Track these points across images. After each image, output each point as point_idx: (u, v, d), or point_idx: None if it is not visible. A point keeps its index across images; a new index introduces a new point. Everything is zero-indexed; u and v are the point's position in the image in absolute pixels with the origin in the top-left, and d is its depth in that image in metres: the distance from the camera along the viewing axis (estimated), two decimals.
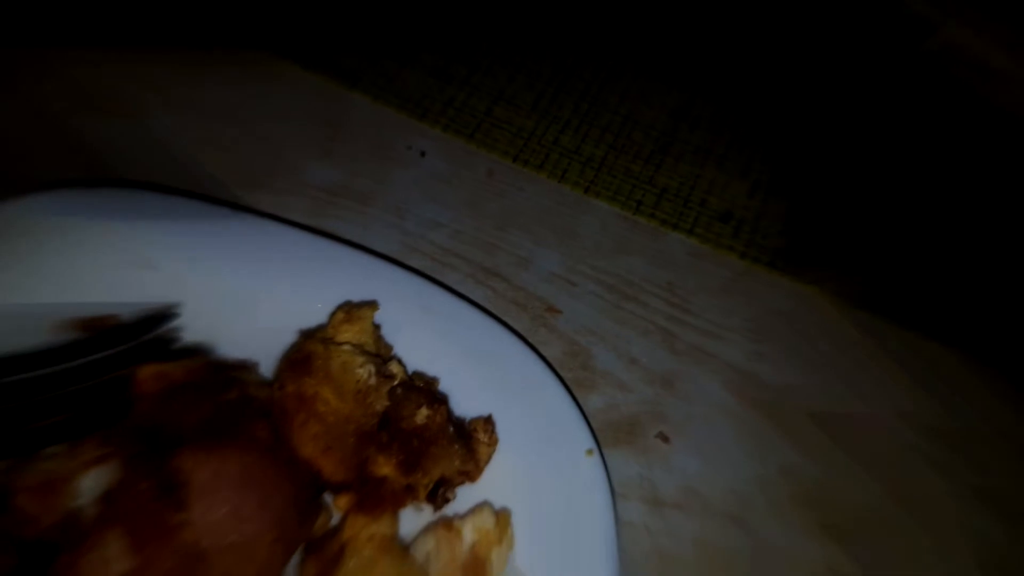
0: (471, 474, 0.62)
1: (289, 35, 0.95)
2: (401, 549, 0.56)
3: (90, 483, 0.59)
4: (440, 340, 0.69)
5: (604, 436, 0.71)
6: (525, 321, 0.78)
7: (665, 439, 0.73)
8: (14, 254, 0.67)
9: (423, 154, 0.89)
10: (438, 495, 0.61)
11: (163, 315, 0.64)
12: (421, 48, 0.97)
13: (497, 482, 0.63)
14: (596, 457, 0.64)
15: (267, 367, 0.66)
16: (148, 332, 0.63)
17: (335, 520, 0.61)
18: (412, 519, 0.61)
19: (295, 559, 0.58)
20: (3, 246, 0.68)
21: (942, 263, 0.90)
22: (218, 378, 0.58)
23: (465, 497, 0.62)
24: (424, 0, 1.02)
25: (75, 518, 0.58)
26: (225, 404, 0.57)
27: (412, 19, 1.00)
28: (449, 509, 0.62)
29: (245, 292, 0.68)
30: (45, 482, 0.57)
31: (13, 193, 0.71)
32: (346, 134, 0.89)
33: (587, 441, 0.65)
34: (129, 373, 0.57)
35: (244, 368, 0.64)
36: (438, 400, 0.62)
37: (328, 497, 0.61)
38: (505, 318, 0.77)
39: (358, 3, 1.00)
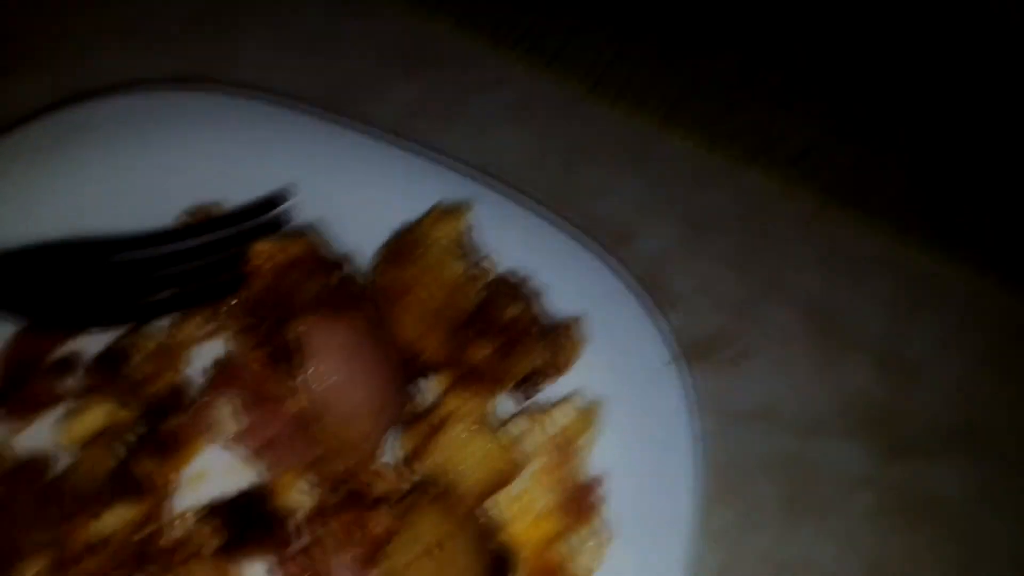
0: (558, 370, 0.64)
1: None
2: (495, 427, 0.58)
3: (202, 351, 0.62)
4: (525, 247, 0.71)
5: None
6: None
7: (740, 361, 0.74)
8: (118, 145, 0.70)
9: (500, 81, 0.90)
10: (526, 386, 0.63)
11: (274, 199, 0.67)
12: None
13: (584, 380, 0.65)
14: (678, 364, 0.66)
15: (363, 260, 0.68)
16: (261, 214, 0.65)
17: (425, 405, 0.63)
18: (500, 406, 0.63)
19: (392, 435, 0.60)
20: (110, 138, 0.70)
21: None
22: (327, 258, 0.60)
23: (554, 392, 0.64)
24: None
25: (187, 383, 0.61)
26: (334, 282, 0.59)
27: None
28: (536, 401, 0.64)
29: (338, 194, 0.71)
30: (159, 348, 0.60)
31: (116, 90, 0.74)
32: (428, 57, 0.91)
33: (670, 349, 0.66)
34: (244, 250, 0.60)
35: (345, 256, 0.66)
36: (530, 295, 0.64)
37: (421, 383, 0.63)
38: None
39: None
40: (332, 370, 0.56)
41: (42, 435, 0.58)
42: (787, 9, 1.05)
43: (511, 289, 0.64)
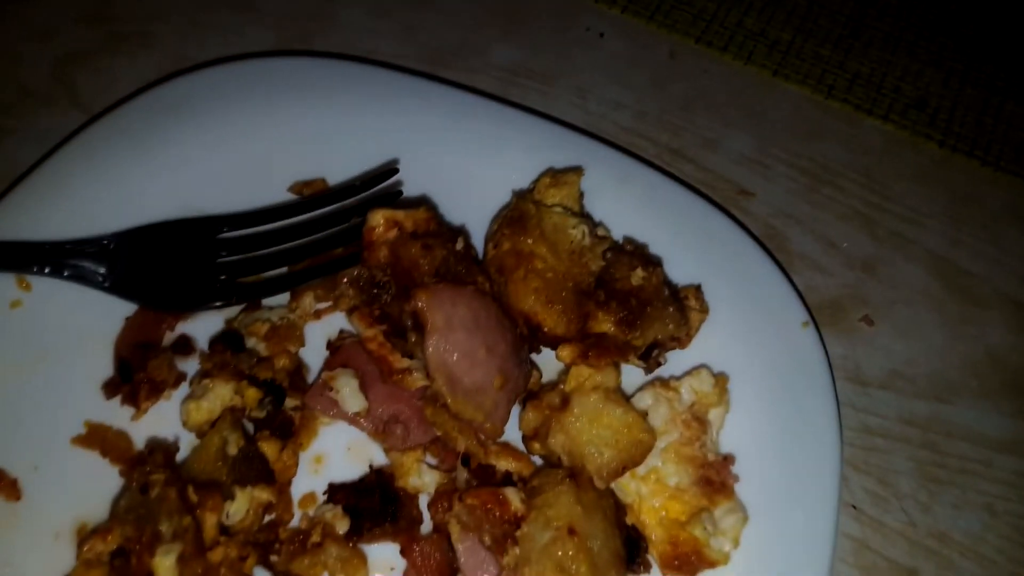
0: (682, 340, 0.61)
1: None
2: (626, 400, 0.56)
3: (314, 335, 0.61)
4: (641, 210, 0.68)
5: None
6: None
7: (869, 322, 0.70)
8: (221, 119, 0.68)
9: (602, 35, 0.87)
10: (651, 357, 0.60)
11: (385, 171, 0.64)
12: None
13: (711, 350, 0.62)
14: (812, 329, 0.62)
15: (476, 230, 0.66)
16: (372, 187, 0.63)
17: (546, 379, 0.61)
18: (626, 378, 0.60)
19: (514, 411, 0.58)
20: (212, 110, 0.69)
21: None
22: (444, 229, 0.58)
23: (680, 363, 0.61)
24: None
25: (301, 364, 0.59)
26: (453, 254, 0.57)
27: None
28: (662, 373, 0.61)
29: (449, 159, 0.69)
30: (272, 329, 0.59)
31: (217, 61, 0.72)
32: (526, 15, 0.88)
33: (802, 313, 0.63)
34: (355, 225, 0.58)
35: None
36: (653, 262, 0.61)
37: (540, 357, 0.61)
38: None
39: None
40: (455, 343, 0.53)
41: (162, 422, 0.57)
42: None
43: (632, 255, 0.61)
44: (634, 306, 0.58)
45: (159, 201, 0.64)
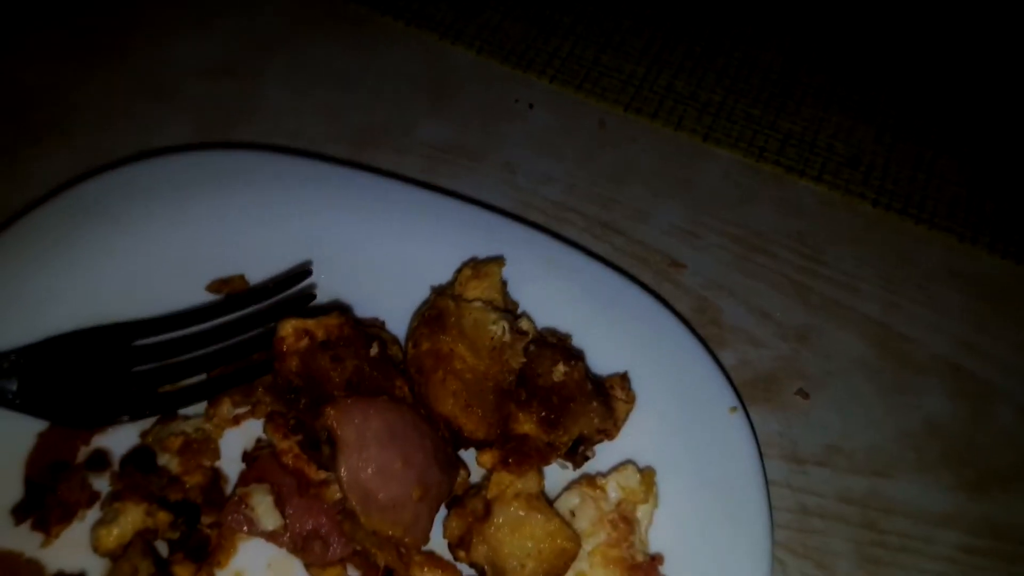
0: (609, 432, 0.60)
1: None
2: (548, 507, 0.54)
3: (231, 442, 0.59)
4: (567, 296, 0.67)
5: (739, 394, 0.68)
6: (647, 277, 0.75)
7: (804, 396, 0.70)
8: (132, 220, 0.67)
9: (531, 107, 0.86)
10: (578, 453, 0.59)
11: (297, 274, 0.63)
12: None
13: (638, 440, 0.61)
14: (740, 414, 0.61)
15: (392, 323, 0.65)
16: (284, 291, 0.62)
17: (474, 477, 0.59)
18: (551, 475, 0.59)
19: (439, 516, 0.56)
20: (118, 213, 0.67)
21: None
22: (358, 335, 0.56)
23: (607, 455, 0.60)
24: None
25: (220, 475, 0.58)
26: (367, 361, 0.55)
27: None
28: (589, 467, 0.60)
29: (370, 250, 0.68)
30: (186, 443, 0.57)
31: (130, 159, 0.71)
32: (453, 90, 0.87)
33: (730, 398, 0.62)
34: (270, 330, 0.57)
35: (376, 325, 0.62)
36: (574, 356, 0.60)
37: (464, 453, 0.60)
38: None
39: None
40: (368, 459, 0.52)
41: (74, 548, 0.55)
42: (827, 6, 0.99)
43: (554, 349, 0.60)
44: (556, 404, 0.57)
45: (73, 309, 0.62)
